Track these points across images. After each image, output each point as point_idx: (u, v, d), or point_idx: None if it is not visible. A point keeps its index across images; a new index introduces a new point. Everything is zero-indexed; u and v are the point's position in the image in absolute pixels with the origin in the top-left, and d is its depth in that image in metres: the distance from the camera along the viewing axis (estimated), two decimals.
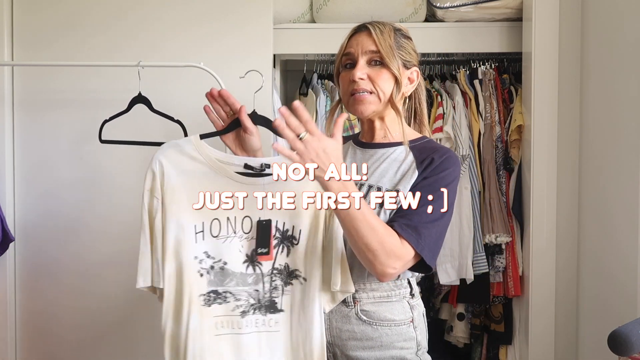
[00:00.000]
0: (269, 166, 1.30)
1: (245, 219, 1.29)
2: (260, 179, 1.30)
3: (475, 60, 2.33)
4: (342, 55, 1.40)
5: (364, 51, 1.36)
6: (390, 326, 1.34)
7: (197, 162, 1.30)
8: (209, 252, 1.29)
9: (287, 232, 1.29)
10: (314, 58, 2.41)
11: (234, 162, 1.31)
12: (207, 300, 1.28)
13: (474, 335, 2.40)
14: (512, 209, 2.21)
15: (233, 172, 1.30)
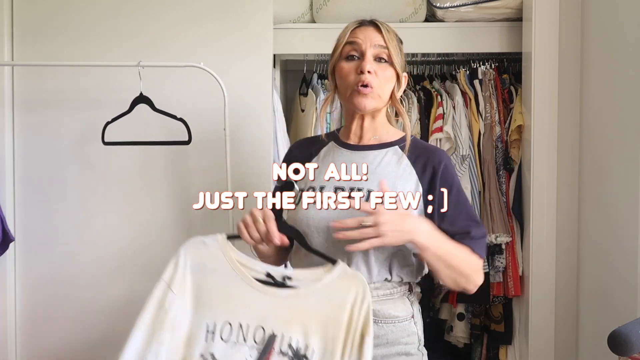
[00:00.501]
0: (291, 278, 1.25)
1: (257, 330, 1.24)
2: (278, 289, 1.25)
3: (475, 60, 2.33)
4: (346, 44, 1.37)
5: (372, 44, 1.34)
6: (394, 323, 1.34)
7: (218, 261, 1.27)
8: (216, 355, 1.23)
9: (299, 351, 1.23)
10: (314, 58, 2.41)
11: (256, 268, 1.27)
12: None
13: (474, 335, 2.40)
14: (512, 209, 2.21)
15: (253, 278, 1.26)
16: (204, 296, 1.26)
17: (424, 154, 1.38)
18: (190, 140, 1.85)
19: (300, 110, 2.46)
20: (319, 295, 1.23)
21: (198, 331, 1.25)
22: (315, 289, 1.24)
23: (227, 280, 1.26)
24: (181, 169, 2.03)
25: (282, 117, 2.23)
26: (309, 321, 1.22)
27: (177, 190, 2.03)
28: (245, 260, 1.28)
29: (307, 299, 1.23)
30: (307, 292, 1.24)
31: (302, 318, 1.23)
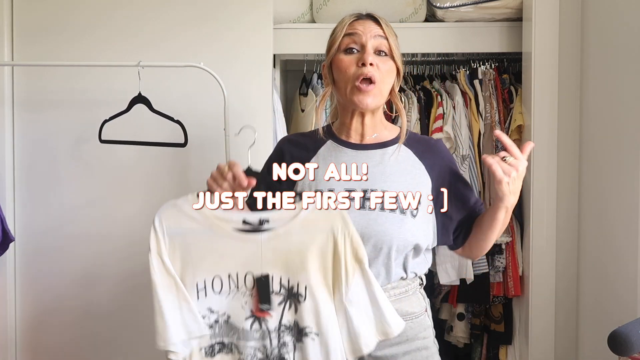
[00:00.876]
0: (268, 221, 1.26)
1: (247, 275, 1.26)
2: (258, 235, 1.26)
3: (475, 60, 2.33)
4: (344, 36, 1.33)
5: (373, 35, 1.31)
6: (412, 319, 1.35)
7: (195, 221, 1.27)
8: (212, 308, 1.27)
9: (292, 288, 1.26)
10: (314, 58, 2.41)
11: (232, 218, 1.26)
12: (211, 351, 1.28)
13: (474, 335, 2.40)
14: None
15: (231, 229, 1.27)
16: (187, 257, 1.27)
17: (427, 146, 1.39)
18: (186, 143, 1.84)
19: (300, 110, 2.46)
20: (298, 231, 1.25)
21: (190, 293, 1.26)
22: (292, 226, 1.25)
23: (206, 236, 1.27)
24: (181, 168, 2.03)
25: (282, 117, 2.23)
26: (294, 258, 1.24)
27: (177, 190, 2.03)
28: (220, 214, 1.27)
29: (287, 238, 1.24)
30: (285, 230, 1.25)
31: (286, 257, 1.25)
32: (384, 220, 1.29)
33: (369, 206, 1.30)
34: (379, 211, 1.30)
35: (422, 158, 1.37)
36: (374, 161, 1.36)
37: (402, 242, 1.30)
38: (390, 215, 1.30)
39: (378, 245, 1.29)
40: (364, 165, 1.29)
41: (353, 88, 1.31)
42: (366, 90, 1.30)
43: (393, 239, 1.29)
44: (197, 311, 1.26)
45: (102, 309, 2.07)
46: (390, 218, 1.30)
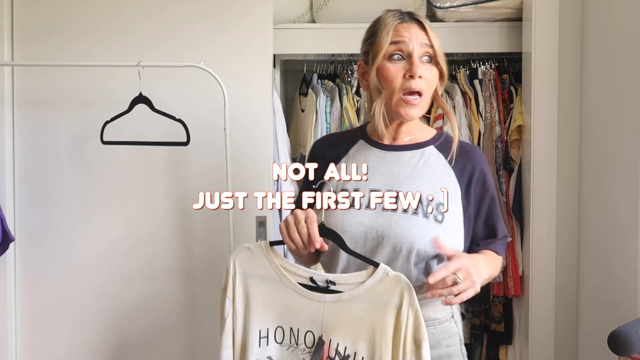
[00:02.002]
0: (334, 283, 1.24)
1: (307, 334, 1.25)
2: (322, 295, 1.24)
3: (475, 60, 2.33)
4: (390, 44, 1.28)
5: (419, 44, 1.27)
6: (435, 325, 1.32)
7: (264, 267, 1.28)
8: (272, 357, 1.27)
9: (348, 357, 1.22)
10: (314, 58, 2.41)
11: (301, 273, 1.26)
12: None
13: (474, 335, 2.40)
14: (512, 209, 2.21)
15: (297, 283, 1.26)
16: (252, 302, 1.27)
17: (462, 154, 1.35)
18: (188, 142, 1.84)
19: (300, 110, 2.46)
20: (363, 299, 1.22)
21: (251, 337, 1.27)
22: (358, 293, 1.23)
23: (273, 285, 1.27)
24: (181, 168, 2.03)
25: (282, 117, 2.23)
26: (355, 326, 1.22)
27: (177, 190, 2.03)
28: (289, 266, 1.28)
29: (351, 304, 1.22)
30: (350, 296, 1.23)
31: (347, 323, 1.22)
32: (405, 223, 1.27)
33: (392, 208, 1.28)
34: (401, 213, 1.28)
35: (454, 165, 1.33)
36: (402, 162, 1.33)
37: (423, 246, 1.27)
38: (412, 218, 1.27)
39: (397, 247, 1.27)
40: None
41: (399, 100, 1.28)
42: (414, 103, 1.28)
43: (414, 242, 1.26)
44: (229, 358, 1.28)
45: (101, 309, 2.07)
46: (412, 221, 1.27)
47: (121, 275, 2.06)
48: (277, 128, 2.18)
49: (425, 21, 1.31)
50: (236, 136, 1.90)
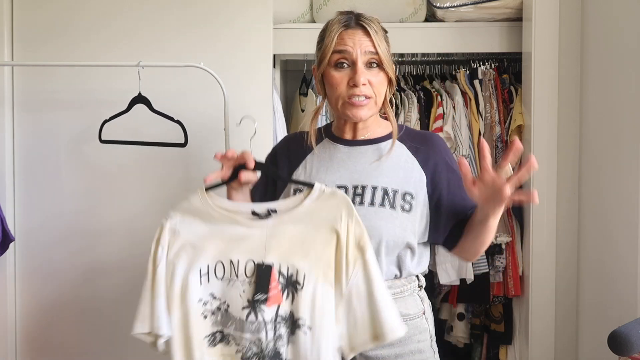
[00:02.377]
0: (275, 211, 1.26)
1: (248, 263, 1.25)
2: (264, 221, 1.27)
3: (475, 60, 2.33)
4: (334, 52, 1.30)
5: (363, 51, 1.29)
6: (406, 321, 1.32)
7: (202, 212, 1.29)
8: (215, 294, 1.26)
9: (292, 277, 1.23)
10: (314, 58, 2.39)
11: (241, 209, 1.28)
12: (212, 340, 1.27)
13: (474, 335, 2.40)
14: (512, 209, 2.21)
15: (239, 218, 1.28)
16: (196, 246, 1.28)
17: (423, 143, 1.38)
18: (186, 143, 1.84)
19: (300, 110, 2.46)
20: (303, 218, 1.24)
21: (191, 278, 1.26)
22: (297, 213, 1.25)
23: (215, 226, 1.28)
24: (181, 168, 2.03)
25: (282, 117, 2.23)
26: (295, 246, 1.23)
27: (177, 190, 2.03)
28: (228, 205, 1.29)
29: (291, 225, 1.24)
30: (290, 217, 1.25)
31: (289, 244, 1.24)
32: (373, 216, 1.29)
33: (359, 202, 1.31)
34: (368, 206, 1.30)
35: (416, 153, 1.36)
36: (366, 157, 1.36)
37: (391, 237, 1.29)
38: (380, 210, 1.30)
39: None
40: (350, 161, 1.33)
41: (345, 104, 1.31)
42: (359, 104, 1.30)
43: (382, 234, 1.29)
44: (162, 310, 1.27)
45: (102, 309, 2.07)
46: (380, 213, 1.30)
47: (121, 274, 2.06)
48: (277, 128, 2.18)
49: (371, 26, 1.30)
50: (236, 136, 1.90)
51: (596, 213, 1.89)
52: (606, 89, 1.82)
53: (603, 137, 1.84)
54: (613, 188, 1.76)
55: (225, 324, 1.27)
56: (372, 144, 1.38)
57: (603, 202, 1.84)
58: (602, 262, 1.84)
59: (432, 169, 1.36)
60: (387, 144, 1.37)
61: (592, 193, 1.93)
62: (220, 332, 1.27)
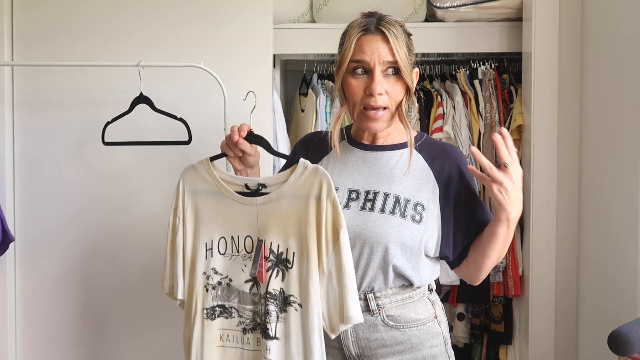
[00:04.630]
0: (265, 186, 1.30)
1: (247, 239, 1.30)
2: (254, 198, 1.30)
3: (475, 60, 2.33)
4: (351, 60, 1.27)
5: (381, 61, 1.25)
6: (417, 326, 1.32)
7: (207, 183, 1.34)
8: (217, 269, 1.32)
9: (282, 254, 1.27)
10: (314, 58, 2.41)
11: (237, 182, 1.33)
12: (212, 314, 1.32)
13: (474, 335, 2.40)
14: None
15: (234, 192, 1.32)
16: (200, 217, 1.34)
17: (440, 154, 1.36)
18: (190, 140, 1.84)
19: (300, 110, 2.46)
20: (288, 195, 1.28)
21: (199, 252, 1.33)
22: (284, 190, 1.28)
23: (216, 198, 1.33)
24: (181, 169, 2.02)
25: (282, 117, 2.23)
26: (284, 224, 1.27)
27: None
28: (226, 177, 1.34)
29: (278, 202, 1.28)
30: (277, 195, 1.29)
31: (278, 222, 1.28)
32: (382, 223, 1.28)
33: (369, 207, 1.30)
34: (378, 213, 1.29)
35: (432, 164, 1.34)
36: (381, 162, 1.34)
37: (398, 245, 1.28)
38: (389, 218, 1.28)
39: (374, 247, 1.28)
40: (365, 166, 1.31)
41: (361, 114, 1.29)
42: (375, 116, 1.27)
43: (389, 242, 1.27)
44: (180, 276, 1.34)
45: (102, 309, 2.07)
46: (389, 221, 1.28)
47: (121, 274, 2.06)
48: (277, 128, 2.18)
49: (391, 31, 1.25)
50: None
51: (596, 213, 1.89)
52: (606, 88, 1.82)
53: (603, 137, 1.84)
54: (613, 188, 1.76)
55: (227, 298, 1.31)
56: (390, 150, 1.36)
57: (603, 202, 1.84)
58: (602, 262, 1.84)
59: (446, 181, 1.33)
60: (405, 150, 1.35)
61: (592, 193, 1.93)
62: (221, 306, 1.32)
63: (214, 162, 1.36)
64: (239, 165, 1.39)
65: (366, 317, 1.31)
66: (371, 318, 1.31)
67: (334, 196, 1.24)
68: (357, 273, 1.29)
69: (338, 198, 1.30)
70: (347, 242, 1.23)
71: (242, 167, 1.39)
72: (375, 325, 1.31)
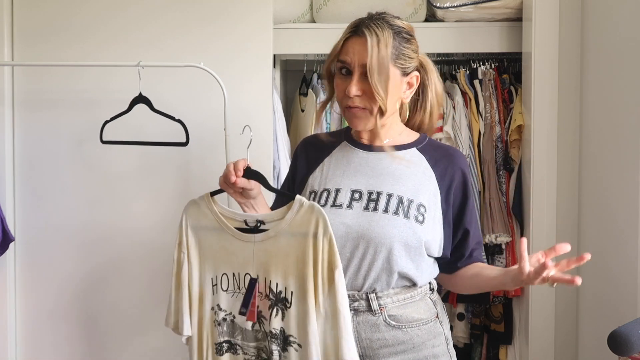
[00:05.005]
0: (263, 223, 1.29)
1: (246, 276, 1.30)
2: (253, 235, 1.30)
3: (475, 60, 2.33)
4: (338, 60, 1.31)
5: (360, 64, 1.27)
6: (419, 326, 1.32)
7: (208, 218, 1.33)
8: (221, 305, 1.32)
9: (280, 293, 1.26)
10: (314, 58, 2.41)
11: (236, 218, 1.32)
12: (220, 349, 1.32)
13: (474, 335, 2.40)
14: (512, 209, 2.21)
15: (234, 228, 1.31)
16: (204, 252, 1.33)
17: (444, 157, 1.36)
18: (187, 142, 1.84)
19: (300, 110, 2.46)
20: (285, 233, 1.27)
21: (206, 287, 1.33)
22: (281, 228, 1.27)
23: (217, 233, 1.32)
24: (181, 169, 2.03)
25: (282, 117, 2.23)
26: (283, 262, 1.27)
27: (177, 190, 2.03)
28: (226, 212, 1.33)
29: (276, 240, 1.27)
30: (275, 232, 1.28)
31: (276, 260, 1.27)
32: (386, 223, 1.28)
33: (373, 208, 1.30)
34: (382, 213, 1.29)
35: (435, 166, 1.34)
36: (384, 163, 1.35)
37: (402, 245, 1.28)
38: (393, 218, 1.29)
39: (378, 247, 1.28)
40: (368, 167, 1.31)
41: (344, 110, 1.32)
42: (355, 114, 1.30)
43: (393, 242, 1.27)
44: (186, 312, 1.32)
45: (102, 309, 2.07)
46: (393, 221, 1.28)
47: (122, 274, 2.06)
48: (277, 128, 2.18)
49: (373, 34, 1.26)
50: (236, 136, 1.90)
51: (596, 213, 1.89)
52: (606, 88, 1.82)
53: (603, 137, 1.84)
54: (613, 188, 1.76)
55: (232, 334, 1.31)
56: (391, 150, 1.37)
57: (603, 202, 1.84)
58: (602, 262, 1.84)
59: (447, 185, 1.34)
60: (407, 152, 1.36)
61: (592, 193, 1.93)
62: (228, 342, 1.31)
63: (214, 197, 1.34)
64: (241, 199, 1.38)
65: (368, 317, 1.31)
66: (373, 318, 1.31)
67: (330, 234, 1.24)
68: (359, 274, 1.29)
69: (341, 199, 1.30)
70: (343, 282, 1.23)
71: (244, 200, 1.39)
72: (377, 325, 1.31)
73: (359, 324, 1.31)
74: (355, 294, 1.31)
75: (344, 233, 1.29)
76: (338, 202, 1.31)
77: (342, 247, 1.29)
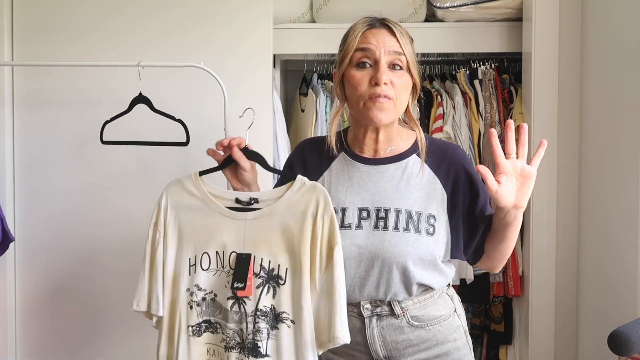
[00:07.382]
0: (257, 201, 1.28)
1: (232, 254, 1.28)
2: (245, 213, 1.28)
3: (475, 60, 2.33)
4: (356, 50, 1.24)
5: (387, 51, 1.23)
6: (440, 322, 1.33)
7: (194, 197, 1.32)
8: (200, 285, 1.29)
9: (273, 271, 1.25)
10: (314, 58, 2.41)
11: (227, 196, 1.31)
12: (197, 330, 1.30)
13: (474, 335, 2.40)
14: None
15: (224, 207, 1.30)
16: (184, 232, 1.31)
17: (444, 157, 1.33)
18: (188, 142, 1.84)
19: (300, 110, 2.46)
20: (282, 211, 1.26)
21: (182, 268, 1.30)
22: (277, 206, 1.26)
23: (202, 213, 1.30)
24: (181, 169, 2.03)
25: (282, 117, 2.23)
26: (277, 240, 1.25)
27: None
28: (216, 191, 1.32)
29: (271, 218, 1.26)
30: (270, 210, 1.27)
31: (270, 238, 1.26)
32: (398, 241, 1.26)
33: (382, 226, 1.27)
34: (392, 231, 1.27)
35: (437, 170, 1.32)
36: (387, 177, 1.31)
37: (418, 262, 1.27)
38: (404, 235, 1.27)
39: (393, 266, 1.26)
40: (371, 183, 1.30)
41: (366, 104, 1.25)
42: (381, 106, 1.23)
43: (407, 260, 1.26)
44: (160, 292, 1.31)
45: (101, 309, 2.07)
46: (405, 238, 1.26)
47: (121, 274, 2.05)
48: (277, 128, 2.18)
49: (397, 27, 1.25)
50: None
51: (596, 213, 1.89)
52: (606, 88, 1.82)
53: (603, 137, 1.84)
54: (613, 188, 1.76)
55: (213, 313, 1.29)
56: (393, 162, 1.33)
57: (603, 202, 1.84)
58: (602, 262, 1.84)
59: (453, 184, 1.32)
60: (409, 160, 1.33)
61: (592, 193, 1.93)
62: (207, 321, 1.30)
63: (203, 176, 1.33)
64: (237, 184, 1.38)
65: (392, 320, 1.31)
66: (396, 321, 1.31)
67: (332, 213, 1.23)
68: (379, 289, 1.29)
69: (349, 219, 1.28)
70: (341, 259, 1.22)
71: (239, 186, 1.38)
72: (401, 327, 1.31)
73: (383, 328, 1.31)
74: (378, 302, 1.30)
75: (357, 254, 1.28)
76: (347, 223, 1.29)
77: (357, 266, 1.28)
